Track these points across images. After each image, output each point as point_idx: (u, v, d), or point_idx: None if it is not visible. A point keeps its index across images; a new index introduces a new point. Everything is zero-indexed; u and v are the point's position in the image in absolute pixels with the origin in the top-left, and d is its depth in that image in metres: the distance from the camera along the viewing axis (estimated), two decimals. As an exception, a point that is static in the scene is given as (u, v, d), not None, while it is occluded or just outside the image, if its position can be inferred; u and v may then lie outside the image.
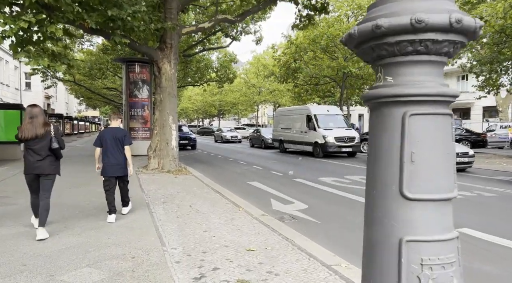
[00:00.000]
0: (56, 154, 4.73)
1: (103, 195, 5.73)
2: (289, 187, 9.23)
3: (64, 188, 7.66)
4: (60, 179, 5.42)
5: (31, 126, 4.54)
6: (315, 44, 20.85)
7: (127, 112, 16.76)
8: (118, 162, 5.56)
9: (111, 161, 5.50)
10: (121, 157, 5.60)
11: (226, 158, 17.38)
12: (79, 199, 6.98)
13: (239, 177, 11.09)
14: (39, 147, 4.59)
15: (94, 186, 8.24)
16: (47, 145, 4.61)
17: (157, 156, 11.41)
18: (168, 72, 11.34)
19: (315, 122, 17.14)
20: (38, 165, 4.57)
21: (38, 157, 4.58)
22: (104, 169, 5.52)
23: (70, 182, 8.70)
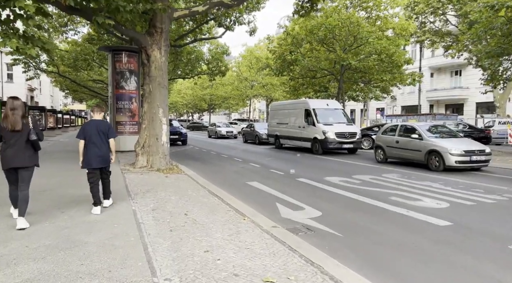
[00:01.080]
0: (35, 146, 4.75)
1: (83, 199, 4.67)
2: (293, 188, 8.29)
3: (37, 190, 6.57)
4: (33, 181, 5.02)
5: (11, 116, 4.54)
6: (312, 35, 19.86)
7: (113, 104, 15.57)
8: (102, 154, 5.57)
9: (95, 153, 5.49)
10: (105, 149, 5.60)
11: (219, 154, 16.36)
12: (50, 204, 5.91)
13: (237, 176, 10.10)
14: (16, 140, 4.60)
15: (72, 189, 7.16)
16: (25, 138, 4.62)
17: (146, 153, 10.34)
18: (158, 60, 10.24)
19: (314, 116, 16.21)
20: (17, 158, 4.60)
21: (16, 150, 4.60)
22: (88, 161, 5.51)
23: (45, 184, 7.60)
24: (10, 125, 4.53)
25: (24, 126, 4.64)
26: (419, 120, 26.06)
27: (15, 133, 4.58)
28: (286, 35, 21.16)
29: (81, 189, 7.01)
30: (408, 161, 11.72)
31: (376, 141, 12.93)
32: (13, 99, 4.67)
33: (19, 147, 4.62)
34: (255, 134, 23.35)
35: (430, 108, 42.44)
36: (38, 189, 6.74)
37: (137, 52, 15.86)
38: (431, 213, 5.91)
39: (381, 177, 9.59)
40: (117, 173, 9.22)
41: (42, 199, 6.20)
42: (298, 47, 21.52)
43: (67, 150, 15.70)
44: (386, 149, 12.23)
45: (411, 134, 11.40)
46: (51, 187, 7.35)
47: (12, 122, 4.54)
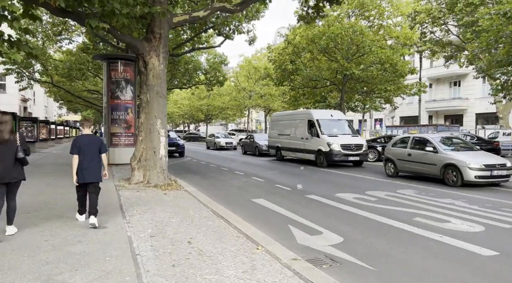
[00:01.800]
0: (22, 162, 4.90)
1: (71, 223, 3.93)
2: (304, 207, 7.57)
3: (21, 212, 5.80)
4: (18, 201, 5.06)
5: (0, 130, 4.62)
6: (313, 44, 19.36)
7: (108, 115, 14.83)
8: (93, 170, 5.57)
9: (87, 168, 5.50)
10: (97, 165, 5.62)
11: (219, 167, 15.61)
12: (32, 230, 5.14)
13: (240, 192, 9.36)
14: (3, 154, 4.67)
15: (60, 209, 6.38)
16: (12, 153, 4.72)
17: (142, 167, 9.58)
18: (156, 67, 9.57)
19: (318, 127, 15.57)
20: (6, 175, 4.71)
21: (5, 166, 4.69)
22: (80, 176, 5.51)
23: (29, 203, 6.81)
24: None
25: (11, 142, 4.75)
26: (420, 131, 25.55)
27: (1, 147, 4.69)
28: (287, 44, 20.66)
29: (70, 210, 6.26)
30: (421, 175, 11.06)
31: (385, 154, 12.28)
32: (2, 114, 4.80)
33: (8, 163, 4.72)
34: (255, 145, 22.66)
35: (429, 119, 42.11)
36: (22, 210, 5.97)
37: (134, 60, 15.21)
38: (468, 238, 5.21)
39: (396, 194, 8.90)
40: (111, 190, 8.46)
41: (25, 224, 5.42)
42: (299, 56, 21.00)
43: (58, 163, 14.88)
44: (397, 162, 11.57)
45: (424, 146, 10.76)
46: (37, 207, 6.57)
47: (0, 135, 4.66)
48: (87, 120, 5.99)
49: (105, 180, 6.07)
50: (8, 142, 4.73)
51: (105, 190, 8.34)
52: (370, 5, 18.92)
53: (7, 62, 24.44)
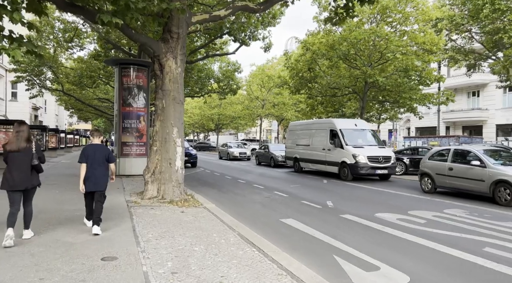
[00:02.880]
0: (37, 169, 5.09)
1: (75, 254, 2.96)
2: (343, 230, 6.52)
3: (18, 235, 4.87)
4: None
5: (16, 139, 4.90)
6: (333, 50, 18.43)
7: (119, 123, 14.01)
8: (100, 178, 5.66)
9: (93, 177, 5.61)
10: (103, 174, 5.69)
11: (235, 179, 14.63)
12: (26, 264, 4.18)
13: (265, 210, 8.34)
14: (20, 161, 4.87)
15: (62, 232, 5.44)
16: (28, 160, 4.91)
17: (157, 181, 8.65)
18: (173, 70, 8.71)
19: (342, 138, 14.52)
20: (23, 182, 4.89)
21: (19, 173, 4.86)
22: (86, 184, 5.61)
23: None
24: (15, 145, 4.89)
25: (27, 149, 4.95)
26: (440, 142, 24.34)
27: (18, 156, 4.88)
28: (305, 50, 19.76)
29: (75, 233, 5.31)
30: (465, 192, 9.91)
31: (421, 168, 11.16)
32: (19, 123, 5.11)
33: (24, 170, 4.91)
34: (270, 156, 21.66)
35: (446, 130, 40.85)
36: (20, 232, 5.04)
37: (147, 66, 14.46)
38: None
39: (445, 214, 7.80)
40: (122, 207, 7.52)
41: (21, 256, 4.48)
42: (317, 63, 20.08)
43: (66, 174, 14.05)
44: (436, 177, 10.45)
45: (468, 160, 9.65)
46: (37, 229, 5.63)
47: (15, 145, 4.90)
48: (96, 130, 6.15)
49: (115, 194, 6.39)
50: (24, 150, 4.94)
51: (116, 207, 7.43)
52: (394, 10, 17.97)
53: (18, 70, 24.14)
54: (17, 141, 4.92)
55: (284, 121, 39.39)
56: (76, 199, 8.20)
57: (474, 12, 20.62)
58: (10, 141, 4.94)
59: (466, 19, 22.65)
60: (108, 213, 6.82)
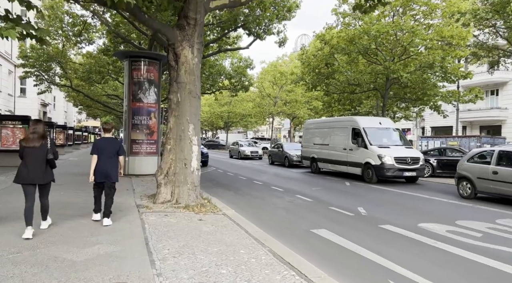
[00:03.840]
0: (51, 164, 5.22)
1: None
2: (388, 244, 5.61)
3: (13, 250, 4.05)
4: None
5: (32, 136, 5.13)
6: (353, 45, 17.40)
7: (128, 120, 13.22)
8: (109, 169, 5.80)
9: (104, 168, 5.75)
10: (113, 165, 5.85)
11: (250, 180, 13.75)
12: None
13: (291, 218, 7.44)
14: (35, 157, 5.05)
15: (64, 246, 4.60)
16: (43, 156, 5.09)
17: (170, 183, 7.80)
18: (190, 61, 7.84)
19: (366, 137, 13.54)
20: (36, 176, 5.04)
21: (36, 168, 5.04)
22: (97, 175, 5.77)
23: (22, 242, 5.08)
24: (31, 142, 5.05)
25: (43, 146, 5.09)
26: (460, 142, 23.19)
27: (33, 151, 5.02)
28: (323, 45, 18.76)
29: (77, 247, 4.46)
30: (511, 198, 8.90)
31: (459, 171, 10.17)
32: (35, 121, 5.36)
33: (38, 165, 5.04)
34: (284, 155, 20.74)
35: (463, 130, 39.63)
36: (16, 246, 4.23)
37: (158, 59, 13.65)
38: None
39: (500, 226, 6.82)
40: (132, 212, 6.69)
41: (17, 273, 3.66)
42: (335, 58, 19.08)
43: (73, 173, 13.31)
44: (477, 181, 9.44)
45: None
46: (35, 243, 4.81)
47: (31, 141, 5.06)
48: (108, 124, 6.31)
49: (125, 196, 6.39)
50: (40, 146, 5.09)
51: (125, 212, 6.60)
52: (419, 2, 16.87)
53: (26, 65, 23.55)
54: (33, 137, 5.11)
55: (295, 119, 38.41)
56: (81, 203, 7.40)
57: (500, 7, 19.44)
58: (27, 138, 5.19)
59: (491, 14, 21.45)
60: (117, 220, 6.00)
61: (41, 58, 22.58)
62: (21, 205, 5.17)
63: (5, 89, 33.15)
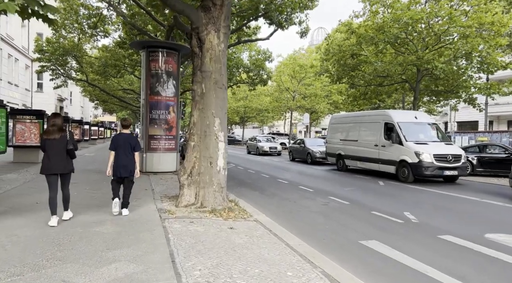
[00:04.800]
0: (71, 154, 5.52)
1: None
2: (457, 261, 4.66)
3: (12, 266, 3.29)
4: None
5: (52, 129, 5.45)
6: (382, 34, 16.24)
7: (146, 114, 12.48)
8: (127, 165, 6.03)
9: (121, 163, 6.00)
10: (130, 161, 6.08)
11: (274, 178, 12.88)
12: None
13: (331, 224, 6.53)
14: (56, 149, 5.37)
15: (74, 263, 3.82)
16: (63, 147, 5.40)
17: (194, 184, 6.98)
18: (215, 47, 6.97)
19: (401, 132, 12.47)
20: (58, 166, 5.37)
21: (58, 159, 5.37)
22: (114, 171, 6.03)
23: (33, 251, 4.32)
24: (52, 134, 5.40)
25: (62, 138, 5.43)
26: (491, 138, 21.77)
27: (54, 143, 5.37)
28: (349, 34, 17.64)
29: (89, 267, 3.65)
30: None
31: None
32: (54, 115, 5.72)
33: (59, 156, 5.39)
34: (307, 151, 19.77)
35: (489, 125, 37.91)
36: (16, 261, 3.46)
37: (177, 50, 12.85)
38: None
39: None
40: (153, 219, 5.88)
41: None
42: (362, 48, 17.94)
43: (89, 170, 12.67)
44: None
45: None
46: (41, 261, 4.04)
47: (51, 133, 5.41)
48: (126, 120, 6.41)
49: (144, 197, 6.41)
50: (60, 138, 5.38)
51: (145, 219, 5.79)
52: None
53: (42, 59, 23.18)
54: (53, 130, 5.43)
55: (313, 114, 37.26)
56: (94, 206, 6.65)
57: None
58: (47, 131, 5.52)
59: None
60: (136, 228, 5.21)
61: (57, 52, 22.21)
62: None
63: (22, 84, 33.10)
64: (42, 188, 8.55)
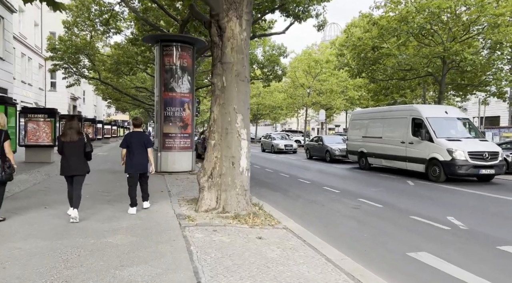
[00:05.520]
0: (88, 156, 5.72)
1: None
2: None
3: None
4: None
5: (69, 132, 5.59)
6: (406, 25, 15.34)
7: (160, 111, 11.92)
8: (141, 162, 6.17)
9: (135, 160, 6.13)
10: (144, 158, 6.19)
11: (295, 178, 12.20)
12: None
13: (369, 231, 5.83)
14: (74, 151, 5.55)
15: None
16: (80, 150, 5.59)
17: (215, 186, 6.35)
18: (237, 35, 6.32)
19: (431, 128, 11.64)
20: (74, 167, 5.57)
21: (75, 161, 5.56)
22: (129, 168, 6.15)
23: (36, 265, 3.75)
24: (69, 137, 5.54)
25: (79, 140, 5.60)
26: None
27: (71, 146, 5.53)
28: (371, 25, 16.78)
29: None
30: None
31: None
32: (70, 118, 5.93)
33: (76, 158, 5.57)
34: (325, 149, 19.01)
35: (511, 120, 36.65)
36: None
37: (192, 43, 12.26)
38: None
39: None
40: (172, 226, 5.27)
41: None
42: (384, 41, 17.07)
43: (101, 170, 12.18)
44: None
45: None
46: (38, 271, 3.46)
47: (69, 137, 5.55)
48: (137, 119, 6.54)
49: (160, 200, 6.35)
50: (77, 141, 5.58)
51: (164, 226, 5.18)
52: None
53: (55, 57, 22.95)
54: (70, 133, 5.55)
55: (327, 111, 36.34)
56: (108, 211, 6.08)
57: None
58: (65, 134, 5.59)
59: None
60: (154, 240, 4.60)
61: (69, 50, 21.95)
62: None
63: (35, 83, 33.03)
64: (52, 190, 8.07)
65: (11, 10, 19.93)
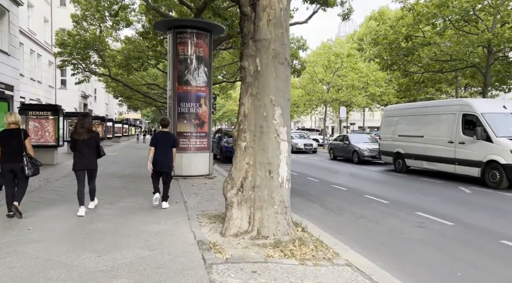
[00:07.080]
0: (99, 152, 6.16)
1: None
2: None
3: None
4: None
5: (81, 130, 5.91)
6: (447, 10, 13.61)
7: (173, 107, 10.49)
8: (166, 160, 6.50)
9: (161, 158, 6.46)
10: (168, 157, 6.52)
11: (327, 184, 10.63)
12: None
13: (458, 266, 4.26)
14: (86, 148, 5.90)
15: None
16: (93, 146, 5.98)
17: (248, 202, 4.84)
18: (275, 4, 4.81)
19: (488, 126, 9.94)
20: (87, 162, 5.95)
21: (87, 156, 5.92)
22: (155, 164, 6.46)
23: None
24: (81, 135, 5.88)
25: (91, 138, 5.96)
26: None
27: (84, 143, 5.88)
28: (407, 11, 15.05)
29: None
30: None
31: None
32: (82, 116, 6.20)
33: (88, 154, 5.94)
34: (352, 149, 17.37)
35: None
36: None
37: (209, 30, 10.78)
38: None
39: None
40: (193, 264, 3.76)
41: None
42: (419, 29, 15.34)
43: (109, 174, 10.81)
44: None
45: None
46: None
47: (81, 134, 5.89)
48: (165, 120, 6.91)
49: (176, 218, 5.70)
50: (89, 138, 5.92)
51: (182, 264, 3.54)
52: None
53: (64, 53, 21.87)
54: (82, 131, 5.89)
55: (347, 108, 34.59)
56: (107, 241, 4.62)
57: None
58: (77, 131, 5.91)
59: None
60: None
61: (78, 45, 20.82)
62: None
63: (45, 80, 32.08)
64: (50, 200, 6.71)
65: (17, 3, 18.77)
